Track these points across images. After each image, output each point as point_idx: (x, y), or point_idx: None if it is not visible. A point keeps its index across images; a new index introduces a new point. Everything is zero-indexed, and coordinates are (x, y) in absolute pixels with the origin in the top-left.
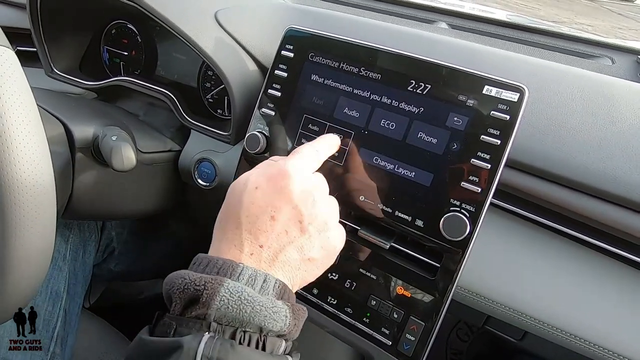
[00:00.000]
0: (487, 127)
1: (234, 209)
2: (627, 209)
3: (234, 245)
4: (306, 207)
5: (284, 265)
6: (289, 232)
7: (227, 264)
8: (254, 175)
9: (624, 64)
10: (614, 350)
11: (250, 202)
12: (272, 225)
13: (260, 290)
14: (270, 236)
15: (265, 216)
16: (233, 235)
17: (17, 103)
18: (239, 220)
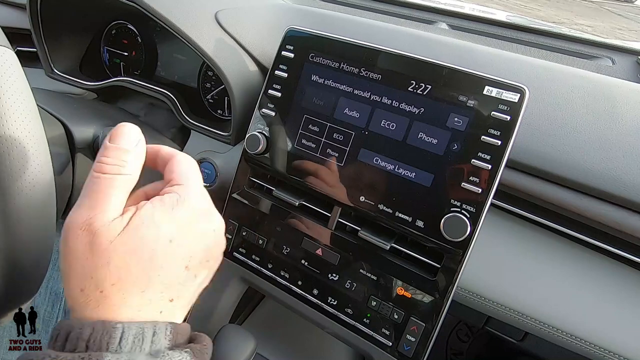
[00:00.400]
0: (488, 128)
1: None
2: (628, 210)
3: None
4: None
5: (177, 302)
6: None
7: (96, 333)
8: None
9: (624, 65)
10: (614, 351)
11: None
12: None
13: (152, 347)
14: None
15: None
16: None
17: (17, 103)
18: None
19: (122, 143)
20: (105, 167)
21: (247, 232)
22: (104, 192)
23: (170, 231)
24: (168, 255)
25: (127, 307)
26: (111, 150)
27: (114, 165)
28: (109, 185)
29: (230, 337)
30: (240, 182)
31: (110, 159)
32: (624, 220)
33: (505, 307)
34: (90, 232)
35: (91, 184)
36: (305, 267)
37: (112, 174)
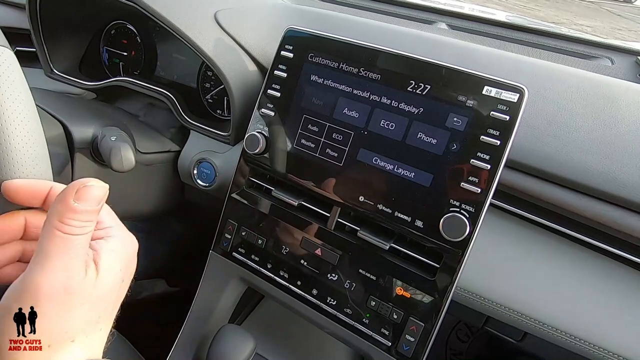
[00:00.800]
0: (487, 128)
1: None
2: (627, 210)
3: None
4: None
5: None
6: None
7: None
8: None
9: (623, 65)
10: (613, 351)
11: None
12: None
13: None
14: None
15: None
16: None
17: (16, 103)
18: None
19: (88, 205)
20: (72, 229)
21: (246, 232)
22: (75, 252)
23: (122, 274)
24: (121, 293)
25: (90, 351)
26: (78, 212)
27: (81, 227)
28: (77, 246)
29: (230, 337)
30: (240, 182)
31: (77, 222)
32: (623, 220)
33: (505, 307)
34: (67, 293)
35: (53, 244)
36: (304, 267)
37: (79, 235)
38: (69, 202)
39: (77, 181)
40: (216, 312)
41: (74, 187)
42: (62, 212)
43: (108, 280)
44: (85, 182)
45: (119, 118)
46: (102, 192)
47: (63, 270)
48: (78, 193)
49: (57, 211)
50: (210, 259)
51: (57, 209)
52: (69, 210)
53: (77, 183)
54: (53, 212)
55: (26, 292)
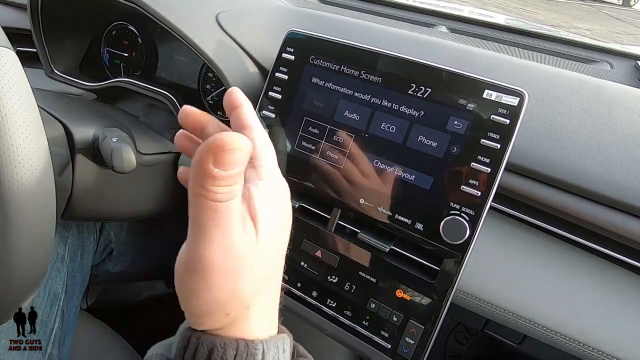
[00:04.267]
0: (487, 131)
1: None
2: (626, 214)
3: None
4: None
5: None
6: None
7: (241, 352)
8: None
9: (622, 69)
10: (613, 354)
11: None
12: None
13: (298, 355)
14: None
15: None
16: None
17: (18, 104)
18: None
19: (232, 169)
20: (218, 195)
21: None
22: (226, 219)
23: (280, 223)
24: (283, 245)
25: (259, 323)
26: (219, 179)
27: (227, 192)
28: (228, 210)
29: None
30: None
31: (221, 188)
32: (623, 223)
33: (504, 310)
34: (231, 262)
35: (204, 213)
36: (304, 269)
37: (227, 200)
38: (208, 168)
39: (212, 142)
40: None
41: (210, 151)
42: (202, 179)
43: (268, 236)
44: (222, 143)
45: (120, 119)
46: (244, 153)
47: (221, 239)
48: (217, 158)
49: (198, 177)
50: None
51: (197, 174)
52: (211, 177)
53: (212, 144)
54: (194, 179)
55: (195, 266)
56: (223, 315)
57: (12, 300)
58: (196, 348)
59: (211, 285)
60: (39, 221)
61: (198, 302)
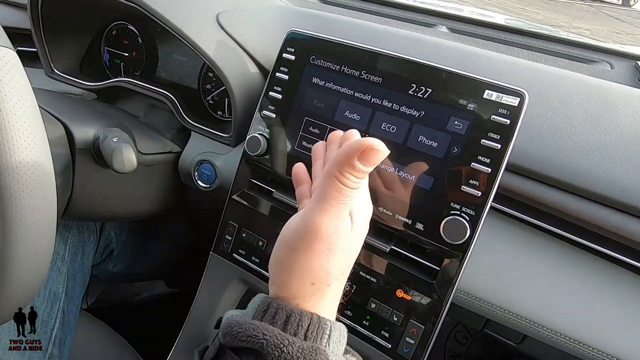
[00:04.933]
0: (488, 131)
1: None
2: (626, 214)
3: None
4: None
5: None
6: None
7: (314, 324)
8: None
9: (622, 69)
10: (612, 354)
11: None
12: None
13: (343, 351)
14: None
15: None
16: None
17: (19, 104)
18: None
19: (368, 166)
20: (349, 182)
21: (247, 234)
22: (346, 204)
23: (365, 229)
24: (359, 249)
25: (329, 305)
26: (357, 171)
27: (356, 182)
28: (349, 197)
29: None
30: (241, 184)
31: (354, 178)
32: (622, 224)
33: (504, 310)
34: (335, 237)
35: (334, 192)
36: None
37: (354, 189)
38: (353, 159)
39: (366, 141)
40: (216, 313)
41: (361, 147)
42: (344, 165)
43: (358, 231)
44: (373, 145)
45: (120, 119)
46: (383, 157)
47: (337, 217)
48: (364, 154)
49: (341, 162)
50: (211, 260)
51: (341, 160)
52: (351, 166)
53: (365, 143)
54: (336, 163)
55: (308, 230)
56: (309, 284)
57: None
58: (276, 311)
59: (312, 249)
60: (39, 221)
61: (294, 264)
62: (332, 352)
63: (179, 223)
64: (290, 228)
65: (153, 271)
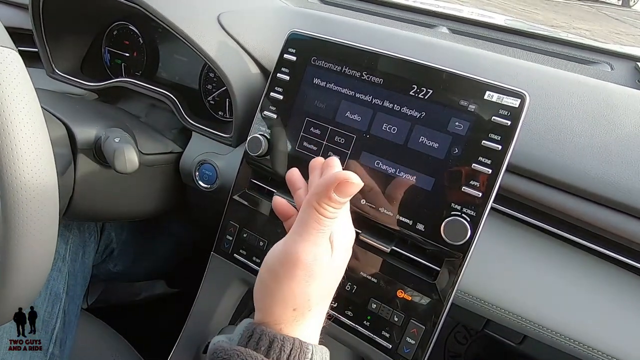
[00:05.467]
0: (488, 132)
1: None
2: (627, 215)
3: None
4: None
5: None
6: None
7: (296, 348)
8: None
9: (623, 70)
10: (613, 355)
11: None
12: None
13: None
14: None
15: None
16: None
17: (22, 105)
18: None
19: (344, 198)
20: (327, 212)
21: (247, 234)
22: (324, 232)
23: (346, 254)
24: (340, 274)
25: (311, 329)
26: (334, 202)
27: (333, 212)
28: (328, 227)
29: None
30: (241, 184)
31: (331, 208)
32: (623, 225)
33: (505, 310)
34: (315, 264)
35: (312, 222)
36: None
37: (331, 219)
38: (329, 191)
39: (341, 174)
40: (217, 313)
41: (337, 179)
42: (322, 196)
43: (339, 257)
44: (348, 178)
45: (121, 119)
46: (357, 189)
47: (315, 245)
48: (340, 187)
49: (319, 194)
50: (211, 261)
51: (319, 191)
52: (328, 198)
53: (341, 176)
54: (315, 194)
55: (289, 258)
56: (291, 309)
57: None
58: (260, 337)
59: (293, 276)
60: (41, 221)
61: (276, 290)
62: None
63: (180, 223)
64: (274, 254)
65: (154, 271)
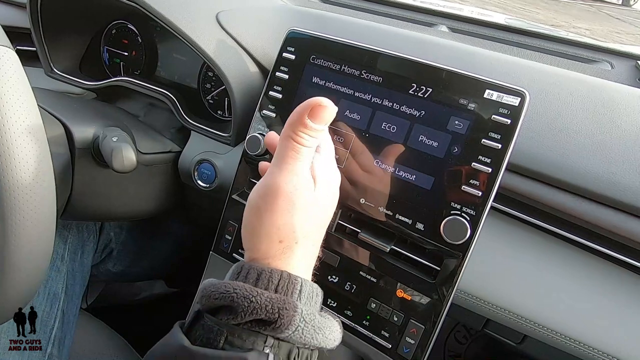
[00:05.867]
0: (488, 131)
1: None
2: (626, 214)
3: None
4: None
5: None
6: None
7: (284, 280)
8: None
9: (623, 69)
10: (613, 355)
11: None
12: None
13: (318, 309)
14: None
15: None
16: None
17: (18, 104)
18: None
19: (319, 124)
20: (303, 140)
21: None
22: (303, 160)
23: (332, 188)
24: (329, 211)
25: (300, 264)
26: (308, 128)
27: (310, 139)
28: (306, 156)
29: None
30: (241, 184)
31: (307, 135)
32: (623, 223)
33: (505, 310)
34: (296, 194)
35: (289, 151)
36: None
37: (308, 147)
38: (303, 117)
39: (313, 100)
40: None
41: (310, 105)
42: (296, 124)
43: (322, 191)
44: (319, 102)
45: (120, 118)
46: (332, 114)
47: (295, 174)
48: (312, 111)
49: (293, 123)
50: (210, 260)
51: (293, 120)
52: (303, 125)
53: (313, 101)
54: (289, 124)
55: (269, 189)
56: (276, 242)
57: (13, 300)
58: (248, 272)
59: (275, 208)
60: (39, 221)
61: (261, 225)
62: (303, 304)
63: (179, 223)
64: (255, 190)
65: (153, 271)
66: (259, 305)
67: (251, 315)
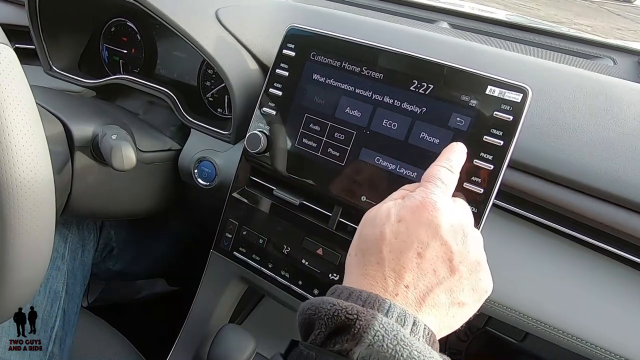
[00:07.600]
0: (490, 128)
1: (374, 242)
2: (629, 210)
3: (376, 282)
4: (456, 243)
5: (431, 310)
6: (437, 271)
7: (372, 298)
8: (396, 207)
9: (625, 65)
10: (614, 352)
11: (393, 237)
12: (419, 264)
13: (411, 334)
14: (417, 275)
15: (410, 252)
16: (374, 272)
17: (16, 102)
18: (381, 255)
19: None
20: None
21: (247, 232)
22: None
23: (400, 213)
24: (398, 233)
25: (369, 278)
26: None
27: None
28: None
29: (230, 336)
30: (241, 181)
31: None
32: (625, 220)
33: (506, 308)
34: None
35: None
36: (305, 267)
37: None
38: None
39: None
40: (216, 311)
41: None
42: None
43: (369, 218)
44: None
45: (119, 116)
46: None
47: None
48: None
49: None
50: (211, 259)
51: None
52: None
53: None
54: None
55: (376, 219)
56: (357, 265)
57: (13, 300)
58: (341, 291)
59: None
60: (38, 219)
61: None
62: (393, 321)
63: (179, 221)
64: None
65: (153, 269)
66: (340, 308)
67: (330, 321)
